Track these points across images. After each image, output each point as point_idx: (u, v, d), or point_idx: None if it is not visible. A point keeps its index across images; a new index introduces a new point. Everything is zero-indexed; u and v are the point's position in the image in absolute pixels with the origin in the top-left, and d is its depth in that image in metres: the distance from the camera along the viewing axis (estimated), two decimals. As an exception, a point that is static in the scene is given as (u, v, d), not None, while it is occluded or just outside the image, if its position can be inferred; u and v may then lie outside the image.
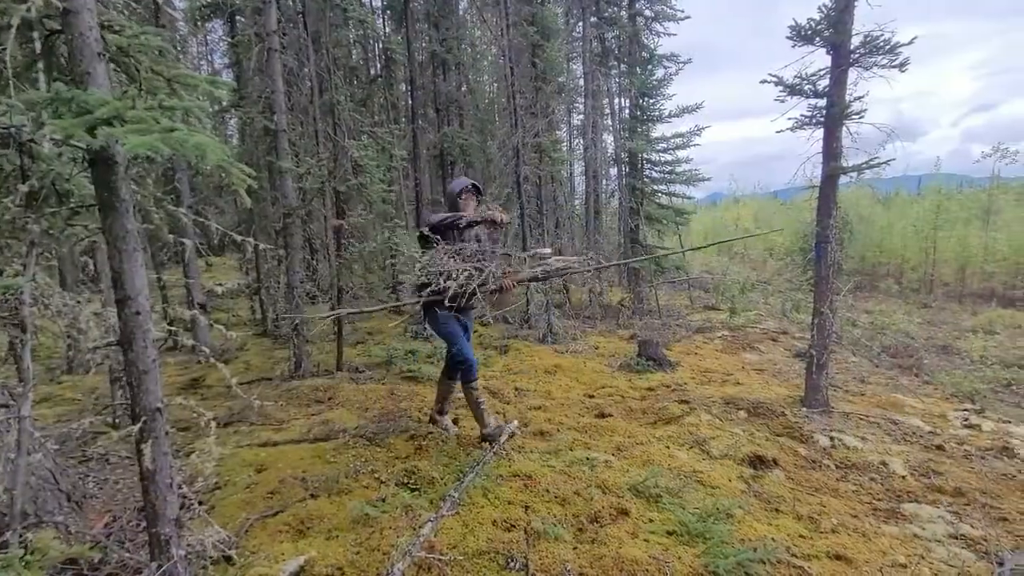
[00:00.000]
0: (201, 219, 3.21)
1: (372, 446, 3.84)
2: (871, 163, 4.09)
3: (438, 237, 3.46)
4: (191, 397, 4.03)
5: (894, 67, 4.09)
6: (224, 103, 7.53)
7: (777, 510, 3.10)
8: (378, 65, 9.10)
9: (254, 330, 8.07)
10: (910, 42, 3.94)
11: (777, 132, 4.71)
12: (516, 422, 4.13)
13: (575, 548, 2.66)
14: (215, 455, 2.33)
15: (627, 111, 10.37)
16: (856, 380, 5.81)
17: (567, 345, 7.18)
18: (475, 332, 7.94)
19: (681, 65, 9.60)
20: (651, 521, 2.92)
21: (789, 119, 4.61)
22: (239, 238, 2.86)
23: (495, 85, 12.14)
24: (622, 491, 3.21)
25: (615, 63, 10.06)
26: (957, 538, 2.83)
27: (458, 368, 3.73)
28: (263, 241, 7.60)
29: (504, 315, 8.75)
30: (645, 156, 10.30)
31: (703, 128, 9.36)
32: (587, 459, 3.61)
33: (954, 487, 3.37)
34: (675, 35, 9.87)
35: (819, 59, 4.38)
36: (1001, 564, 2.50)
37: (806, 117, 4.48)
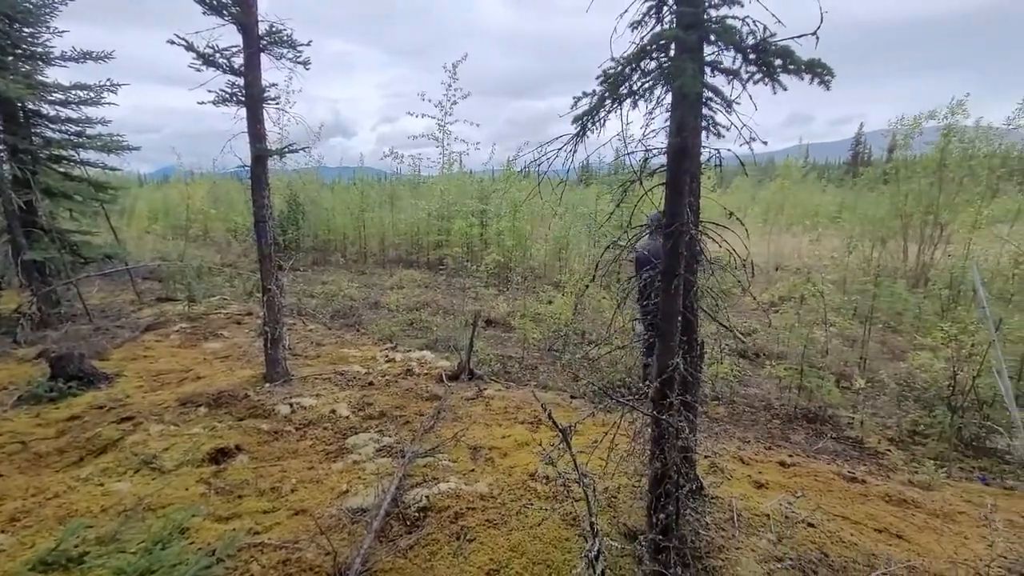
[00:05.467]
0: None
1: None
2: (291, 148, 4.48)
3: None
4: None
5: (299, 63, 4.56)
6: None
7: (240, 496, 3.03)
8: None
9: None
10: (308, 43, 4.48)
11: (199, 103, 4.39)
12: None
13: None
14: None
15: (-16, 35, 7.12)
16: (314, 345, 6.52)
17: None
18: None
19: (70, -5, 7.38)
20: (70, 595, 2.20)
21: (210, 92, 4.37)
22: None
23: None
24: (17, 578, 2.26)
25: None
26: (381, 450, 3.64)
27: None
28: None
29: None
30: (32, 107, 7.51)
31: (119, 85, 7.68)
32: (-58, 563, 2.33)
33: (380, 411, 4.33)
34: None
35: (233, 35, 4.30)
36: (403, 455, 3.41)
37: (227, 93, 4.37)
